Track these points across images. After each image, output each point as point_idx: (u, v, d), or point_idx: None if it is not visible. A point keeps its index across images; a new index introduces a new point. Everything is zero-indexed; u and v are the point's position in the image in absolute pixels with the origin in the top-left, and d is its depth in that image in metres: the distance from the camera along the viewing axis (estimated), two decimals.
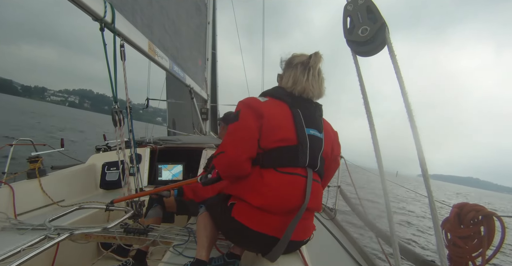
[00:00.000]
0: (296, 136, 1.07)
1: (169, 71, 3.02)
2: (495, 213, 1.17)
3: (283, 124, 1.07)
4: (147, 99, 5.48)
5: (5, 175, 2.05)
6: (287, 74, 1.21)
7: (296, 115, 1.10)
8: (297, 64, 1.19)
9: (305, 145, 1.07)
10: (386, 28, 1.02)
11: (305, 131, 1.09)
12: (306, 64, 1.18)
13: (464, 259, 1.22)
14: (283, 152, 1.05)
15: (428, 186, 0.94)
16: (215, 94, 6.87)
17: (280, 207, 1.03)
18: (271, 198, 1.02)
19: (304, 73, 1.16)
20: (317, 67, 1.18)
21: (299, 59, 1.20)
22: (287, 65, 1.23)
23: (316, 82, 1.18)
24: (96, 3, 1.54)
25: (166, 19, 2.88)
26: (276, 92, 1.18)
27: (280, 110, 1.10)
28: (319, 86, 1.19)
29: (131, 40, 1.97)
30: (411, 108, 0.96)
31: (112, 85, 1.62)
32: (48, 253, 1.67)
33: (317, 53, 1.17)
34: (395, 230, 1.02)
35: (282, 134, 1.06)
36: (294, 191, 1.04)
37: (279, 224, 1.02)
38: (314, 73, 1.17)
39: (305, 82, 1.15)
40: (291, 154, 1.06)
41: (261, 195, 1.02)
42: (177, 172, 2.85)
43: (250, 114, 1.06)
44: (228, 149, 1.05)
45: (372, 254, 2.21)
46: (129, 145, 1.79)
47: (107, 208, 1.61)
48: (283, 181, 1.04)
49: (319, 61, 1.18)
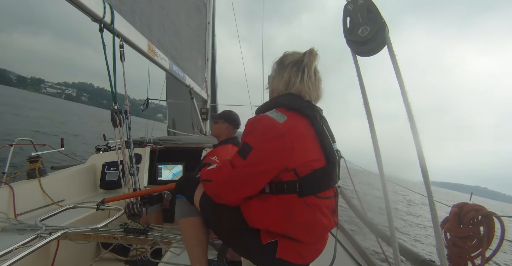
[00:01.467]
0: (324, 155, 0.92)
1: (169, 71, 3.02)
2: (495, 213, 1.17)
3: (311, 150, 0.91)
4: (147, 99, 5.48)
5: (5, 175, 2.05)
6: (279, 76, 1.04)
7: (321, 133, 0.94)
8: (289, 63, 1.03)
9: (336, 162, 0.96)
10: (386, 28, 1.02)
11: (333, 148, 0.96)
12: (299, 63, 1.01)
13: (464, 259, 1.22)
14: (318, 175, 0.90)
15: (428, 186, 0.94)
16: (215, 94, 6.87)
17: (322, 237, 0.99)
18: (318, 228, 0.92)
19: (298, 74, 1.00)
20: (313, 67, 1.02)
21: (292, 58, 1.03)
22: (279, 66, 1.06)
23: (313, 84, 1.01)
24: (95, 4, 1.54)
25: (166, 19, 2.87)
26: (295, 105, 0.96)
27: (305, 130, 0.91)
28: (316, 89, 1.03)
29: (130, 41, 1.97)
30: (411, 109, 0.96)
31: (112, 86, 1.62)
32: (48, 253, 1.67)
33: (311, 50, 1.01)
34: (395, 230, 1.02)
35: (313, 156, 0.90)
36: (331, 214, 0.96)
37: (316, 251, 0.99)
38: (310, 74, 1.01)
39: (299, 83, 1.00)
40: (327, 176, 0.93)
41: (313, 231, 0.90)
42: (177, 171, 2.85)
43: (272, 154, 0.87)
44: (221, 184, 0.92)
45: (372, 254, 2.21)
46: (129, 145, 1.79)
47: (98, 208, 1.61)
48: (325, 207, 0.93)
49: (314, 59, 1.01)
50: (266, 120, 0.90)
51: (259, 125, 0.90)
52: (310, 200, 0.89)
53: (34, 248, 1.09)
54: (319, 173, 0.91)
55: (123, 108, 1.68)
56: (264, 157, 0.87)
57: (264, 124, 0.89)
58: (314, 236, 0.93)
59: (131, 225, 1.63)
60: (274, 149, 0.86)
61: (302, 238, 0.91)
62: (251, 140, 0.89)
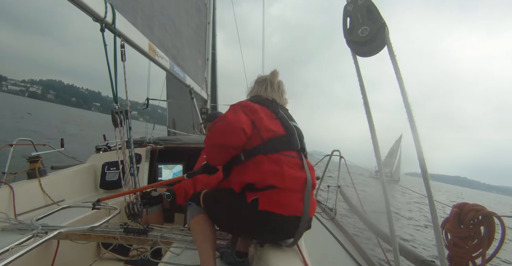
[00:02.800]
0: (283, 126, 1.25)
1: (170, 71, 3.02)
2: (495, 213, 1.17)
3: (271, 121, 1.25)
4: (147, 99, 5.48)
5: (5, 175, 2.05)
6: (253, 89, 1.47)
7: (278, 113, 1.30)
8: (260, 81, 1.46)
9: (294, 133, 1.27)
10: (386, 28, 1.02)
11: (290, 124, 1.29)
12: (265, 80, 1.45)
13: (464, 259, 1.22)
14: (279, 139, 1.21)
15: (427, 186, 0.94)
16: (215, 94, 6.87)
17: (294, 185, 1.14)
18: (288, 177, 1.12)
19: (264, 86, 1.42)
20: (276, 81, 1.43)
21: (262, 78, 1.48)
22: (255, 83, 1.49)
23: (276, 93, 1.41)
24: (97, 4, 1.54)
25: (167, 19, 2.88)
26: (257, 99, 1.36)
27: (266, 111, 1.29)
28: (278, 97, 1.42)
29: (131, 41, 1.97)
30: (411, 109, 0.96)
31: (113, 86, 1.62)
32: (49, 253, 1.67)
33: (274, 70, 1.46)
34: (395, 230, 1.02)
35: (273, 127, 1.23)
36: (298, 169, 1.18)
37: (297, 202, 1.13)
38: (273, 86, 1.42)
39: (264, 93, 1.40)
40: (287, 140, 1.23)
41: (281, 175, 1.11)
42: (177, 171, 2.86)
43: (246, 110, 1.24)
44: (228, 116, 1.19)
45: (372, 254, 2.21)
46: (129, 145, 1.79)
47: (93, 207, 1.61)
48: (289, 162, 1.17)
49: (275, 76, 1.45)
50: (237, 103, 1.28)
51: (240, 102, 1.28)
52: (274, 156, 1.15)
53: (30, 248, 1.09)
54: (279, 138, 1.21)
55: (123, 108, 1.68)
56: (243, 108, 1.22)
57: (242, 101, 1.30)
58: (288, 182, 1.11)
59: (131, 225, 1.63)
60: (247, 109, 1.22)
61: (274, 182, 1.10)
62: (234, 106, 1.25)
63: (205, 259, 1.20)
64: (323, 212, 3.22)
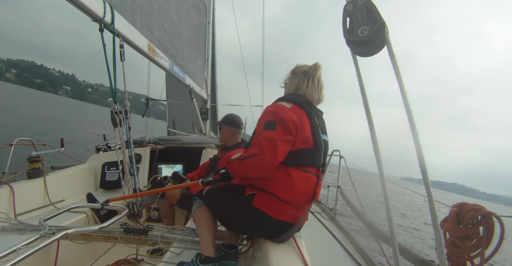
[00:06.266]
0: (313, 140, 1.21)
1: (169, 71, 3.02)
2: (494, 213, 1.18)
3: (305, 129, 1.20)
4: (147, 99, 5.48)
5: (5, 175, 2.05)
6: (290, 81, 1.39)
7: (314, 123, 1.24)
8: (299, 73, 1.36)
9: (321, 148, 1.24)
10: (385, 28, 1.02)
11: (321, 137, 1.25)
12: (306, 73, 1.34)
13: (463, 258, 1.23)
14: (304, 153, 1.19)
15: (427, 186, 0.95)
16: (215, 94, 6.87)
17: (298, 200, 1.19)
18: (296, 192, 1.16)
19: (304, 81, 1.33)
20: (317, 76, 1.34)
21: (301, 69, 1.37)
22: (292, 74, 1.40)
23: (316, 89, 1.33)
24: (95, 4, 1.54)
25: (166, 19, 2.87)
26: (296, 100, 1.28)
27: (303, 117, 1.22)
28: (318, 93, 1.34)
29: (130, 41, 1.97)
30: (411, 109, 0.96)
31: (112, 86, 1.62)
32: (49, 252, 1.68)
33: (316, 63, 1.35)
34: (394, 230, 1.02)
35: (304, 139, 1.19)
36: (310, 187, 1.21)
37: (293, 213, 1.20)
38: (314, 81, 1.33)
39: (305, 88, 1.32)
40: (311, 155, 1.20)
41: (289, 189, 1.15)
42: (177, 170, 2.86)
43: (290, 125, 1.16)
44: (266, 152, 1.12)
45: (372, 254, 2.21)
46: (129, 145, 1.79)
47: (102, 207, 1.61)
48: (303, 178, 1.18)
49: (317, 70, 1.34)
50: (279, 105, 1.23)
51: (274, 109, 1.21)
52: (292, 170, 1.16)
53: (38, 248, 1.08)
54: (305, 152, 1.18)
55: (123, 107, 1.68)
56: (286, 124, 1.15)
57: (278, 107, 1.21)
58: (293, 195, 1.16)
59: (131, 225, 1.63)
60: (291, 119, 1.16)
61: (277, 192, 1.15)
62: (273, 117, 1.18)
63: (206, 245, 1.27)
64: (323, 212, 3.22)
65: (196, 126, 4.77)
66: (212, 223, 1.33)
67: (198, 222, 1.35)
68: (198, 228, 1.36)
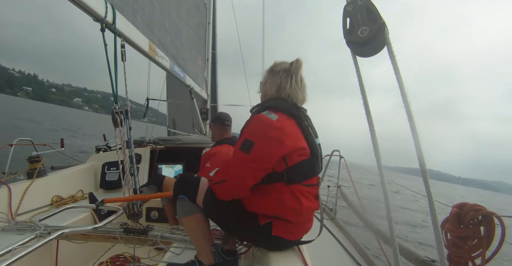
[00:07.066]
0: (309, 149, 1.12)
1: (170, 71, 3.02)
2: (495, 213, 1.18)
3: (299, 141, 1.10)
4: (147, 99, 5.48)
5: (5, 175, 2.05)
6: (270, 81, 1.23)
7: (305, 129, 1.14)
8: (279, 71, 1.21)
9: (318, 155, 1.17)
10: (385, 29, 1.02)
11: (315, 143, 1.16)
12: (288, 71, 1.20)
13: (464, 259, 1.23)
14: (304, 166, 1.11)
15: (427, 186, 0.95)
16: (215, 94, 6.87)
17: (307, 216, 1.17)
18: (304, 211, 1.11)
19: (287, 79, 1.19)
20: (299, 74, 1.21)
21: (281, 67, 1.22)
22: (270, 73, 1.25)
23: (299, 89, 1.21)
24: (97, 4, 1.54)
25: (167, 19, 2.88)
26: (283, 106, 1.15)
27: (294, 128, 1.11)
28: (302, 92, 1.22)
29: (131, 41, 1.97)
30: (411, 109, 0.96)
31: (113, 86, 1.62)
32: (50, 252, 1.67)
33: (298, 60, 1.21)
34: (395, 230, 1.02)
35: (300, 150, 1.09)
36: (314, 200, 1.17)
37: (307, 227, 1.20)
38: (297, 80, 1.20)
39: (288, 88, 1.19)
40: (311, 166, 1.14)
41: (299, 212, 1.10)
42: (178, 170, 2.86)
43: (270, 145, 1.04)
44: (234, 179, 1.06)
45: (372, 254, 2.21)
46: (129, 145, 1.79)
47: (97, 208, 1.61)
48: (309, 194, 1.14)
49: (299, 67, 1.20)
50: (263, 119, 1.07)
51: (257, 125, 1.08)
52: (295, 188, 1.09)
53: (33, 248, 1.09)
54: (303, 164, 1.10)
55: (123, 108, 1.68)
56: (264, 147, 1.03)
57: (262, 122, 1.07)
58: (301, 217, 1.12)
59: (131, 225, 1.63)
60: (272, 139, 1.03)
61: (291, 218, 1.10)
62: (252, 136, 1.06)
63: (206, 255, 1.23)
64: (323, 212, 3.22)
65: (196, 126, 4.77)
66: (207, 230, 1.27)
67: (193, 230, 1.25)
68: (193, 236, 1.27)
